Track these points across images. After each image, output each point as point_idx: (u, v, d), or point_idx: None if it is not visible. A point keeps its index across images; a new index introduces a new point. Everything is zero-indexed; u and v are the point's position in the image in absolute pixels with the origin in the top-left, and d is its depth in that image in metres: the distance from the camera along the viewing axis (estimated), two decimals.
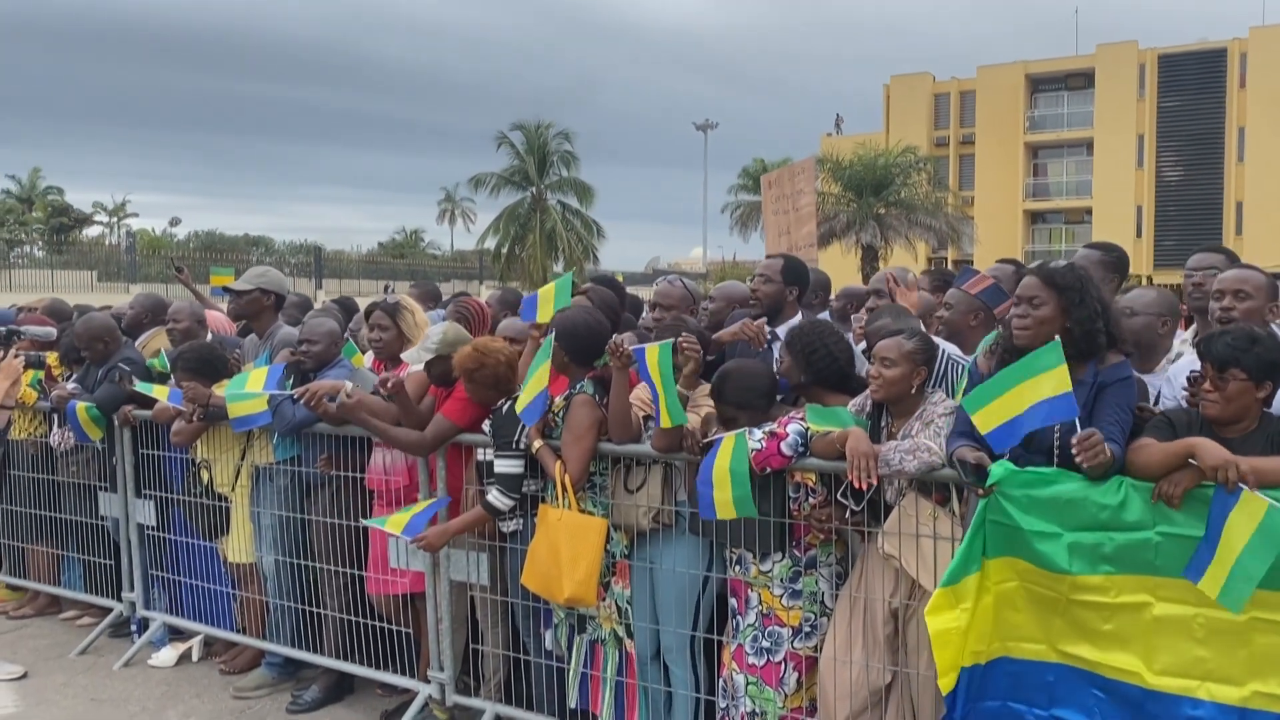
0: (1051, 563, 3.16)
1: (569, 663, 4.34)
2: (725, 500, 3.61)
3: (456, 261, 58.63)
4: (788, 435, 3.66)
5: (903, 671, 3.64)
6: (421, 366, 4.59)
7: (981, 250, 39.80)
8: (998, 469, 3.18)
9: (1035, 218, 46.37)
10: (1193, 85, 42.04)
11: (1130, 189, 42.88)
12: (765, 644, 3.80)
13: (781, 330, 4.56)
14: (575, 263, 41.63)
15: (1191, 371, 3.23)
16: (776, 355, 4.27)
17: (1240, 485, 2.78)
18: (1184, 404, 3.30)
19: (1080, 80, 44.60)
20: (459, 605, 4.69)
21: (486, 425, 4.30)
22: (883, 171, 36.49)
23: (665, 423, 3.77)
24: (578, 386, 4.12)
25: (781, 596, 3.79)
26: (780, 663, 3.78)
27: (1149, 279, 34.52)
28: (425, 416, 4.52)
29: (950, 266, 39.87)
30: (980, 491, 3.20)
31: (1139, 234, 41.96)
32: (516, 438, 4.17)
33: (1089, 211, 44.00)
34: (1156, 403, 3.62)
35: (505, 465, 4.18)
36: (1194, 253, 4.50)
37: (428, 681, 4.75)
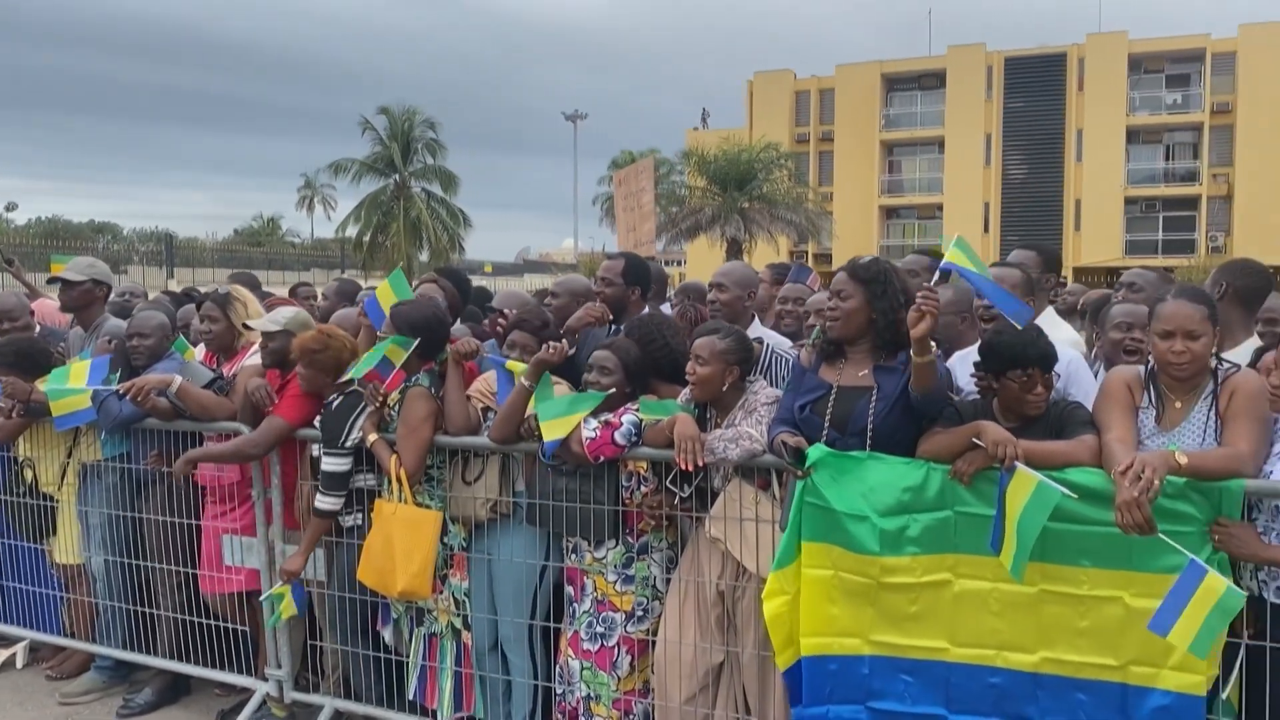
0: (863, 545, 3.34)
1: (407, 656, 4.35)
2: None
3: (316, 250, 57.10)
4: (621, 425, 3.76)
5: (732, 651, 3.80)
6: (258, 347, 4.51)
7: (840, 245, 41.03)
8: (814, 451, 3.35)
9: (890, 213, 48.03)
10: (1035, 87, 44.20)
11: (978, 186, 44.87)
12: (599, 629, 3.90)
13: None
14: (440, 252, 41.09)
15: (976, 364, 3.46)
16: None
17: (1015, 463, 3.01)
18: (975, 387, 3.52)
19: (932, 80, 46.35)
20: None
21: (318, 422, 4.27)
22: (746, 166, 37.20)
23: (547, 435, 3.74)
24: (413, 380, 4.13)
25: (615, 583, 3.89)
26: (614, 647, 3.88)
27: None
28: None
29: (810, 261, 41.06)
30: (799, 474, 3.36)
31: (986, 229, 43.94)
32: (344, 436, 4.15)
33: (940, 207, 45.82)
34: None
35: (330, 464, 4.16)
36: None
37: (265, 679, 4.68)
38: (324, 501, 4.17)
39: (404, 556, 3.96)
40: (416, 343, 4.05)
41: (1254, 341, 3.79)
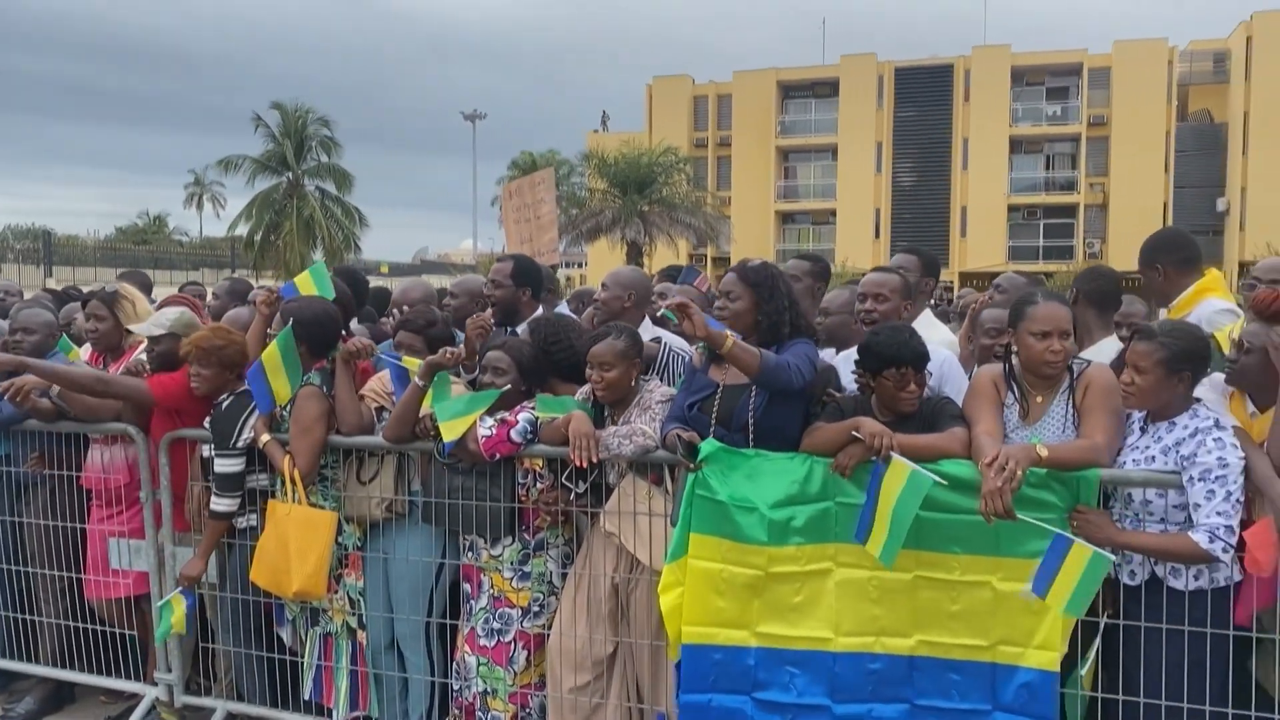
0: (751, 536, 3.47)
1: (302, 656, 4.33)
2: None
3: (206, 249, 55.33)
4: (517, 423, 3.83)
5: (625, 642, 3.89)
6: (144, 350, 4.43)
7: (737, 248, 41.55)
8: (706, 446, 3.48)
9: (786, 218, 48.91)
10: (924, 97, 45.55)
11: (870, 193, 46.02)
12: (496, 625, 3.95)
13: (522, 329, 4.72)
14: (335, 252, 40.27)
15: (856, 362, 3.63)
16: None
17: (891, 454, 3.18)
18: (855, 385, 3.70)
19: (826, 89, 47.36)
20: None
21: (208, 422, 4.22)
22: (646, 170, 37.46)
23: (446, 434, 3.76)
24: (305, 379, 4.12)
25: (511, 579, 3.95)
26: (510, 642, 3.94)
27: None
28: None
29: (709, 264, 41.58)
30: (691, 467, 3.48)
31: (877, 235, 45.11)
32: (235, 436, 4.12)
33: (834, 213, 46.86)
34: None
35: (222, 465, 4.12)
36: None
37: (155, 684, 4.60)
38: (219, 503, 4.13)
39: (299, 557, 3.94)
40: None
41: (1111, 340, 4.06)
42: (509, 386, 3.89)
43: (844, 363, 4.04)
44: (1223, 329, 3.65)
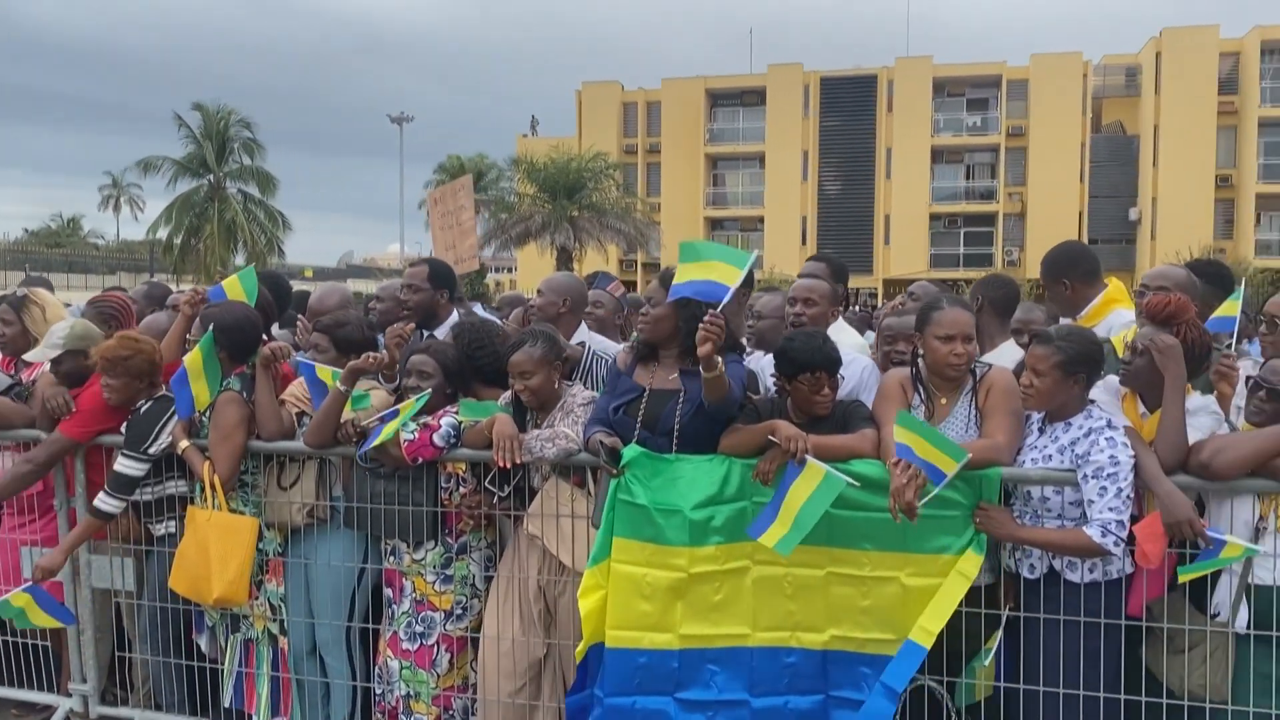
0: (672, 538, 3.54)
1: (223, 663, 4.30)
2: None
3: (123, 252, 53.95)
4: (440, 427, 3.86)
5: (554, 644, 3.94)
6: (48, 365, 4.36)
7: (667, 254, 41.82)
8: (629, 451, 3.54)
9: (715, 224, 49.27)
10: (849, 107, 46.30)
11: (796, 200, 46.63)
12: (419, 629, 3.97)
13: (441, 331, 4.75)
14: (258, 256, 39.56)
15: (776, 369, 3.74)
16: None
17: (806, 456, 3.29)
18: (774, 391, 3.81)
19: (754, 97, 47.87)
20: (103, 613, 4.50)
21: (124, 426, 4.17)
22: (576, 175, 37.47)
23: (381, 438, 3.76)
24: (224, 384, 4.09)
25: (434, 583, 3.97)
26: (433, 645, 3.97)
27: None
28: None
29: (639, 270, 41.74)
30: (614, 472, 3.54)
31: (804, 242, 45.69)
32: (150, 441, 4.07)
33: (762, 220, 47.36)
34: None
35: (125, 466, 4.06)
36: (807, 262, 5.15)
37: (69, 695, 4.52)
38: (105, 503, 4.06)
39: (219, 563, 3.92)
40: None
41: (1010, 344, 4.23)
42: (430, 392, 3.91)
43: (768, 366, 4.15)
44: (1118, 335, 3.83)
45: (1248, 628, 3.24)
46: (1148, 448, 3.30)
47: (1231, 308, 3.93)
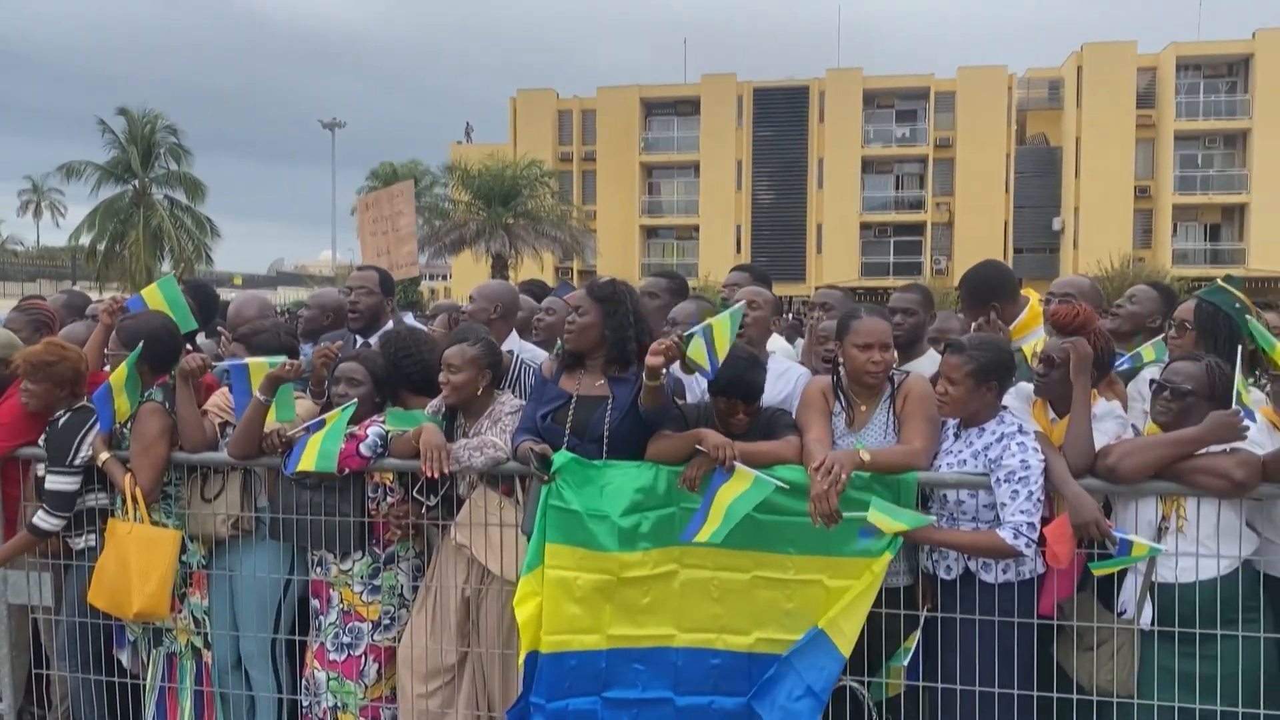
0: (602, 544, 3.59)
1: (145, 679, 4.23)
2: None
3: (44, 259, 52.45)
4: (367, 437, 3.85)
5: (474, 651, 3.95)
6: None
7: (603, 262, 41.94)
8: (559, 457, 3.58)
9: (650, 233, 49.48)
10: (781, 117, 46.83)
11: (731, 209, 47.03)
12: (346, 639, 3.95)
13: (376, 339, 4.73)
14: (185, 263, 38.72)
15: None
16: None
17: (734, 463, 3.36)
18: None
19: (688, 107, 48.19)
20: (19, 630, 4.40)
21: (43, 440, 4.09)
22: (510, 183, 37.31)
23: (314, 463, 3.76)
24: (145, 395, 4.03)
25: (361, 593, 3.96)
26: (361, 656, 3.95)
27: None
28: None
29: (575, 278, 41.70)
30: (544, 479, 3.57)
31: (738, 250, 46.10)
32: (72, 454, 4.00)
33: (696, 229, 47.67)
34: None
35: (56, 482, 3.99)
36: (732, 272, 5.23)
37: None
38: (45, 520, 3.99)
39: (140, 577, 3.86)
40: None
41: (932, 354, 4.35)
42: (356, 402, 3.90)
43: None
44: (1028, 344, 3.97)
45: (1152, 624, 3.37)
46: (1057, 452, 3.42)
47: (1149, 353, 4.17)
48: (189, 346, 4.26)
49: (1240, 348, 3.50)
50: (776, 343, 4.57)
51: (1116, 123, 42.72)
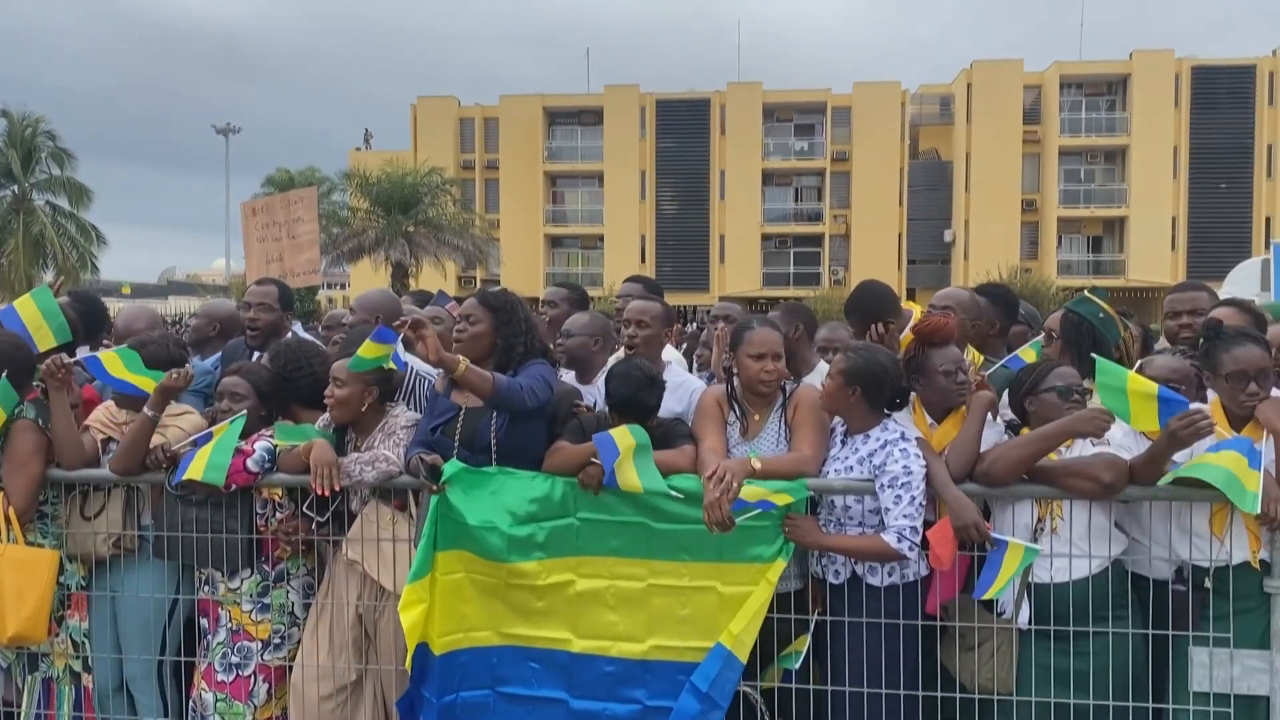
0: (492, 553, 3.59)
1: (18, 707, 4.06)
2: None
3: None
4: (254, 452, 3.78)
5: (371, 668, 3.90)
6: None
7: (507, 271, 41.73)
8: (450, 467, 3.57)
9: (555, 242, 49.39)
10: (684, 129, 47.24)
11: (635, 219, 47.26)
12: (235, 659, 3.86)
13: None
14: (69, 272, 37.20)
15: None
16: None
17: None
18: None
19: (592, 117, 48.28)
20: None
21: None
22: (411, 190, 36.83)
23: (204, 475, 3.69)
24: (16, 411, 3.88)
25: (251, 611, 3.88)
26: (250, 676, 3.87)
27: None
28: None
29: (480, 285, 41.34)
30: (434, 489, 3.55)
31: (643, 260, 46.31)
32: None
33: (602, 238, 47.79)
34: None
35: None
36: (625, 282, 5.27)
37: None
38: None
39: (14, 599, 3.71)
40: None
41: (822, 365, 4.45)
42: (245, 414, 3.82)
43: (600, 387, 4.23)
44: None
45: (1029, 623, 3.51)
46: (938, 457, 3.54)
47: (1029, 355, 4.32)
48: (66, 356, 4.08)
49: (1115, 351, 3.73)
50: (671, 353, 4.62)
51: (1004, 138, 44.29)
